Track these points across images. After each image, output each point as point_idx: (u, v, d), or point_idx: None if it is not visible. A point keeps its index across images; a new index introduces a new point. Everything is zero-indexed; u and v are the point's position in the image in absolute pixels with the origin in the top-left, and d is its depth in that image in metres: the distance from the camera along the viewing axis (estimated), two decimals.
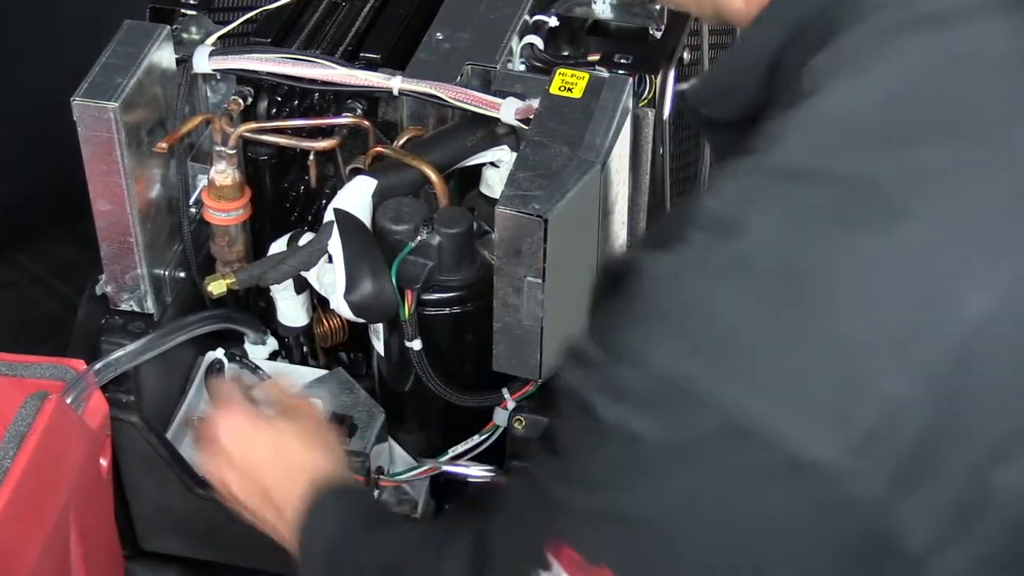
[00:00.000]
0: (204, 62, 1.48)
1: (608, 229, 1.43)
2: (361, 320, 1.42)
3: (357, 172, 1.46)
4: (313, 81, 1.47)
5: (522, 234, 1.29)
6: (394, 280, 1.38)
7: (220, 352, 1.59)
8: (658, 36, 1.60)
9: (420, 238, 1.39)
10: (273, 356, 1.62)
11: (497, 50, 1.52)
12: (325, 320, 1.57)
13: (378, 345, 1.49)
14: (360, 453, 1.49)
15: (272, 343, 1.61)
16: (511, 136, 1.46)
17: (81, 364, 1.46)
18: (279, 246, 1.50)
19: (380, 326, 1.47)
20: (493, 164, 1.48)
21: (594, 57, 1.54)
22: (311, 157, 1.54)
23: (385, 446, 1.55)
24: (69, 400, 1.43)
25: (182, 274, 1.56)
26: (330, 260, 1.40)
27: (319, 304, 1.56)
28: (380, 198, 1.42)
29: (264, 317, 1.61)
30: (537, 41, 1.56)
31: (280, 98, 1.53)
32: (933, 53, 0.88)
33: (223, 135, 1.48)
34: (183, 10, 1.55)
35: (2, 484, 1.34)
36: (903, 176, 0.84)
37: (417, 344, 1.42)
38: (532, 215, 1.29)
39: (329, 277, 1.41)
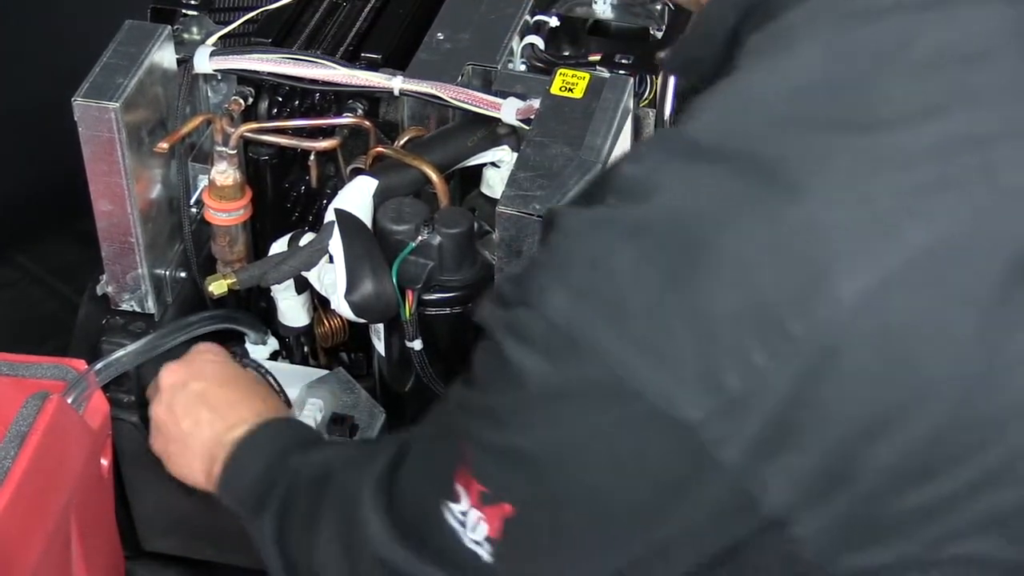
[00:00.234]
0: (205, 62, 1.48)
1: None
2: (362, 320, 1.42)
3: (358, 172, 1.46)
4: (314, 81, 1.47)
5: (523, 234, 1.30)
6: (395, 280, 1.38)
7: None
8: (659, 36, 1.61)
9: (421, 238, 1.39)
10: (274, 356, 1.62)
11: (498, 50, 1.52)
12: (326, 320, 1.57)
13: (379, 345, 1.49)
14: None
15: (273, 343, 1.61)
16: (512, 136, 1.46)
17: (82, 364, 1.46)
18: (280, 246, 1.50)
19: (381, 326, 1.47)
20: (494, 164, 1.48)
21: (595, 57, 1.54)
22: (312, 157, 1.54)
23: None
24: (70, 400, 1.43)
25: (183, 274, 1.56)
26: (331, 260, 1.40)
27: (320, 304, 1.57)
28: (381, 198, 1.42)
29: (265, 317, 1.61)
30: (538, 41, 1.56)
31: (281, 98, 1.53)
32: (855, 45, 0.92)
33: (224, 135, 1.48)
34: (184, 10, 1.54)
35: (3, 484, 1.34)
36: (802, 160, 0.87)
37: (418, 344, 1.42)
38: (533, 215, 1.29)
39: (330, 277, 1.41)
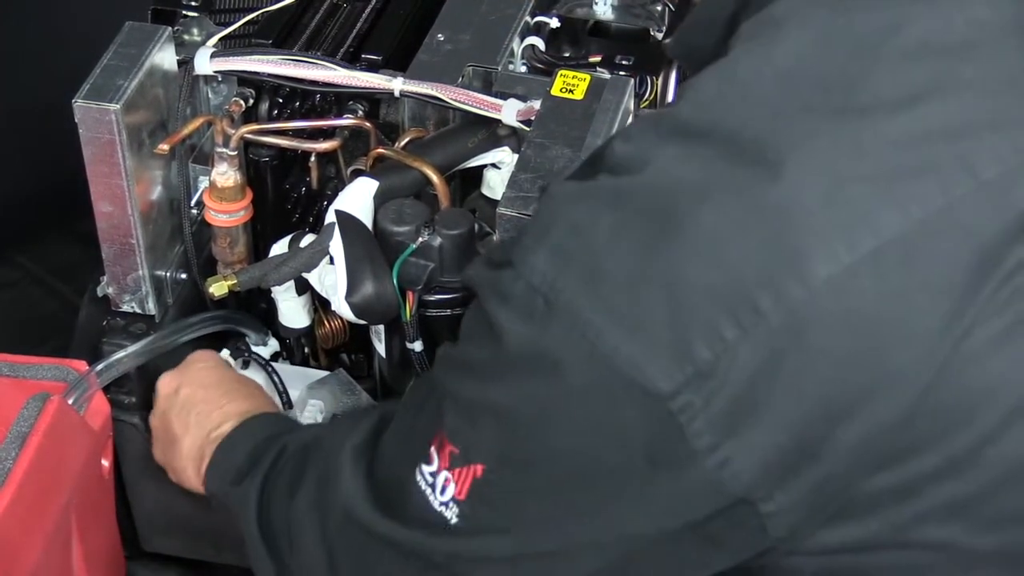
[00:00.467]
0: (205, 64, 1.48)
1: None
2: (362, 321, 1.42)
3: (358, 173, 1.46)
4: (314, 83, 1.47)
5: None
6: (395, 281, 1.38)
7: (226, 353, 1.59)
8: (659, 37, 1.61)
9: (421, 239, 1.39)
10: (274, 357, 1.62)
11: (498, 51, 1.52)
12: (326, 321, 1.57)
13: (379, 346, 1.49)
14: None
15: (273, 344, 1.62)
16: (512, 137, 1.46)
17: (83, 365, 1.47)
18: (280, 248, 1.50)
19: (381, 327, 1.47)
20: (494, 165, 1.48)
21: (595, 58, 1.54)
22: (312, 159, 1.54)
23: None
24: (71, 401, 1.43)
25: (183, 275, 1.56)
26: (331, 261, 1.40)
27: (320, 305, 1.57)
28: (381, 199, 1.42)
29: (265, 318, 1.61)
30: (538, 42, 1.56)
31: (281, 100, 1.53)
32: (842, 31, 0.93)
33: (224, 137, 1.48)
34: (184, 12, 1.55)
35: (4, 485, 1.34)
36: (783, 143, 0.88)
37: (419, 345, 1.42)
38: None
39: (330, 278, 1.41)
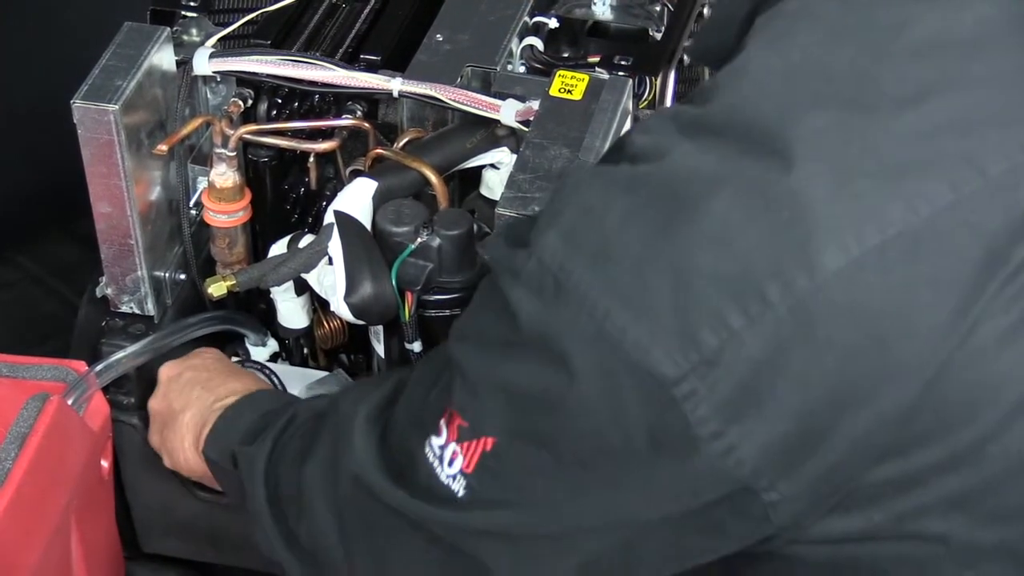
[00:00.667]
0: (204, 64, 1.48)
1: None
2: (361, 322, 1.42)
3: (357, 174, 1.46)
4: (313, 83, 1.47)
5: None
6: (394, 282, 1.38)
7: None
8: (658, 37, 1.60)
9: (420, 240, 1.39)
10: (273, 358, 1.62)
11: (497, 52, 1.52)
12: (325, 322, 1.57)
13: (378, 347, 1.50)
14: None
15: (272, 345, 1.62)
16: (511, 138, 1.46)
17: (82, 366, 1.47)
18: (279, 248, 1.50)
19: (380, 328, 1.47)
20: (493, 166, 1.48)
21: (594, 59, 1.53)
22: (311, 159, 1.54)
23: None
24: (70, 401, 1.43)
25: (182, 276, 1.56)
26: (330, 262, 1.40)
27: (319, 306, 1.57)
28: (380, 200, 1.42)
29: (264, 319, 1.61)
30: (537, 43, 1.56)
31: (280, 100, 1.53)
32: (854, 28, 0.94)
33: (223, 137, 1.48)
34: (183, 12, 1.54)
35: (3, 486, 1.34)
36: (796, 136, 0.89)
37: (417, 346, 1.42)
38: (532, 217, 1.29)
39: (329, 279, 1.41)
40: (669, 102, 1.51)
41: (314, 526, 1.16)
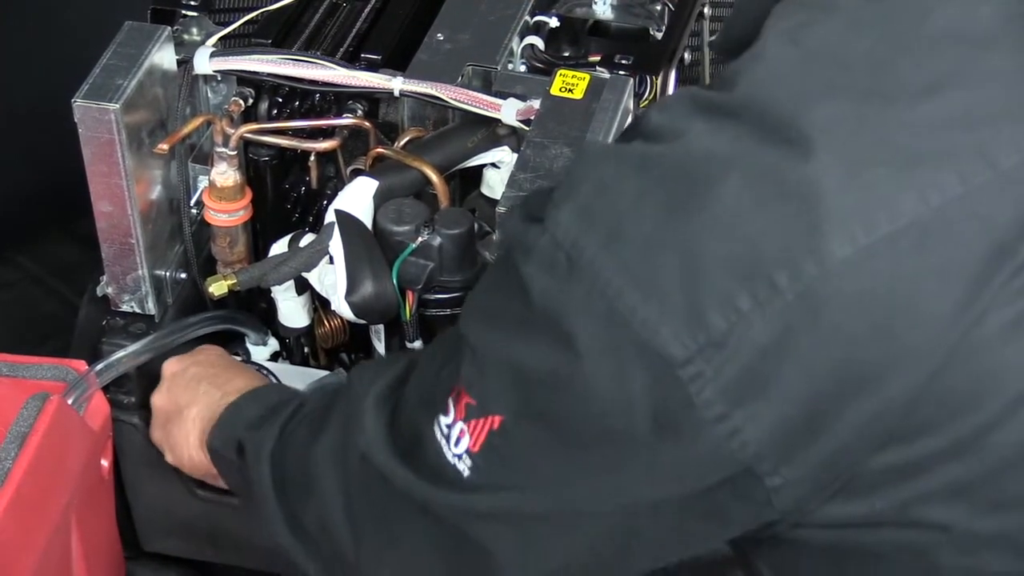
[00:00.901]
0: (205, 63, 1.48)
1: None
2: (362, 321, 1.42)
3: (358, 173, 1.46)
4: (314, 82, 1.47)
5: None
6: (395, 281, 1.38)
7: None
8: (659, 37, 1.60)
9: (421, 239, 1.39)
10: (274, 357, 1.62)
11: (498, 51, 1.52)
12: (326, 321, 1.57)
13: (379, 346, 1.49)
14: None
15: (273, 344, 1.61)
16: (512, 137, 1.46)
17: (82, 365, 1.46)
18: (280, 247, 1.50)
19: (381, 327, 1.47)
20: (494, 165, 1.48)
21: (595, 58, 1.53)
22: (312, 158, 1.54)
23: None
24: (70, 401, 1.43)
25: (183, 275, 1.56)
26: (331, 261, 1.40)
27: (320, 305, 1.56)
28: (381, 199, 1.42)
29: (265, 318, 1.61)
30: (538, 42, 1.56)
31: (281, 99, 1.53)
32: (871, 18, 0.94)
33: (224, 136, 1.48)
34: (184, 11, 1.54)
35: (4, 485, 1.34)
36: (810, 124, 0.89)
37: (418, 345, 1.42)
38: None
39: (330, 278, 1.41)
40: None
41: (321, 508, 1.15)
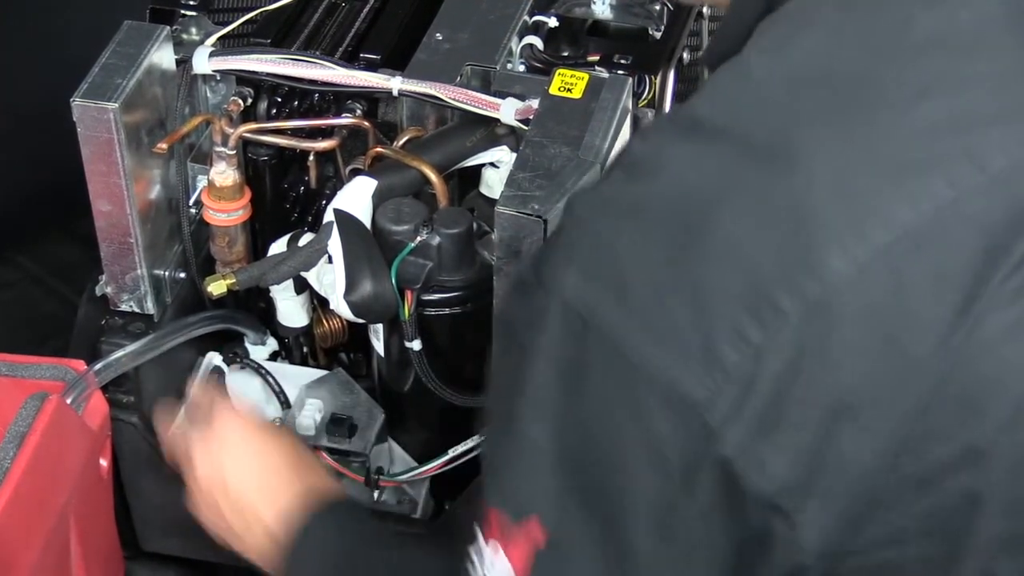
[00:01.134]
0: (204, 63, 1.48)
1: None
2: (361, 320, 1.42)
3: (357, 173, 1.46)
4: (313, 82, 1.47)
5: (522, 234, 1.29)
6: (394, 280, 1.38)
7: (218, 358, 1.59)
8: (658, 36, 1.60)
9: (420, 238, 1.39)
10: (273, 356, 1.62)
11: (497, 50, 1.52)
12: (325, 320, 1.57)
13: (378, 345, 1.49)
14: (360, 453, 1.49)
15: (272, 343, 1.62)
16: (511, 136, 1.46)
17: (81, 365, 1.47)
18: (279, 247, 1.50)
19: (380, 326, 1.47)
20: (493, 164, 1.48)
21: (594, 57, 1.54)
22: (311, 158, 1.54)
23: (385, 446, 1.55)
24: (69, 400, 1.43)
25: (182, 275, 1.56)
26: (330, 260, 1.40)
27: (319, 304, 1.57)
28: (380, 198, 1.42)
29: (264, 318, 1.61)
30: (537, 42, 1.56)
31: (280, 99, 1.53)
32: (853, 30, 0.94)
33: (223, 136, 1.48)
34: (183, 11, 1.55)
35: (2, 485, 1.34)
36: (795, 141, 0.89)
37: (417, 344, 1.42)
38: (532, 215, 1.29)
39: (329, 277, 1.41)
40: (669, 101, 1.51)
41: None
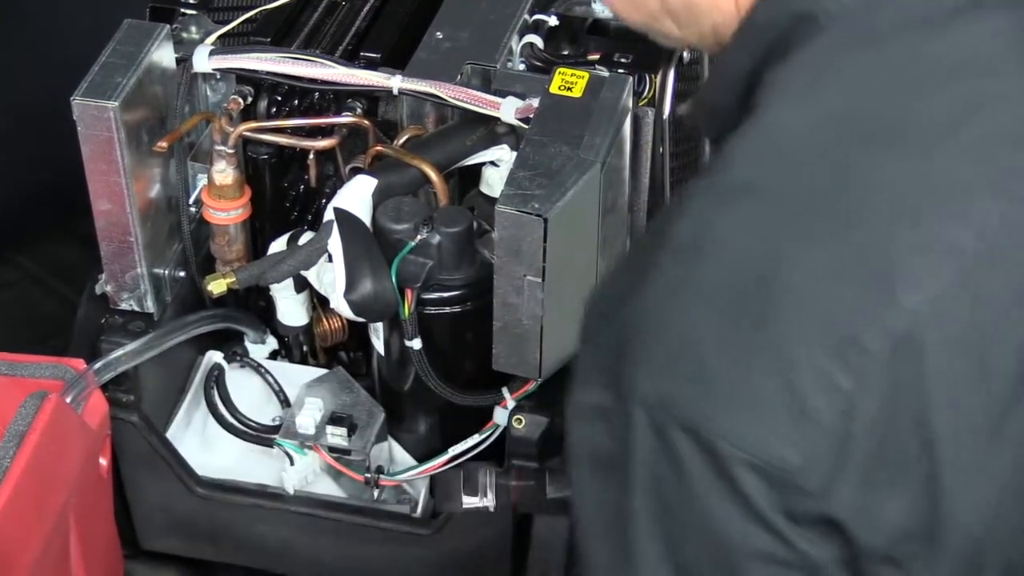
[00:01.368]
0: (204, 61, 1.48)
1: (608, 228, 1.43)
2: (361, 319, 1.42)
3: (357, 171, 1.46)
4: (313, 80, 1.47)
5: (522, 233, 1.29)
6: (394, 279, 1.38)
7: (219, 357, 1.59)
8: None
9: (420, 237, 1.39)
10: (273, 355, 1.62)
11: (497, 49, 1.52)
12: (325, 319, 1.57)
13: (378, 344, 1.49)
14: (360, 452, 1.49)
15: (272, 342, 1.62)
16: (511, 135, 1.46)
17: (81, 363, 1.47)
18: (279, 245, 1.50)
19: (380, 325, 1.47)
20: (493, 163, 1.48)
21: (594, 56, 1.53)
22: (311, 156, 1.54)
23: (385, 445, 1.55)
24: (69, 399, 1.43)
25: (182, 273, 1.56)
26: (330, 259, 1.40)
27: (319, 303, 1.56)
28: (380, 197, 1.42)
29: (264, 316, 1.61)
30: (537, 40, 1.56)
31: (280, 97, 1.53)
32: (871, 70, 0.93)
33: (223, 134, 1.48)
34: (183, 9, 1.55)
35: (2, 484, 1.34)
36: (848, 185, 0.88)
37: (417, 343, 1.42)
38: (532, 214, 1.29)
39: (329, 276, 1.41)
40: (668, 100, 1.51)
41: None
